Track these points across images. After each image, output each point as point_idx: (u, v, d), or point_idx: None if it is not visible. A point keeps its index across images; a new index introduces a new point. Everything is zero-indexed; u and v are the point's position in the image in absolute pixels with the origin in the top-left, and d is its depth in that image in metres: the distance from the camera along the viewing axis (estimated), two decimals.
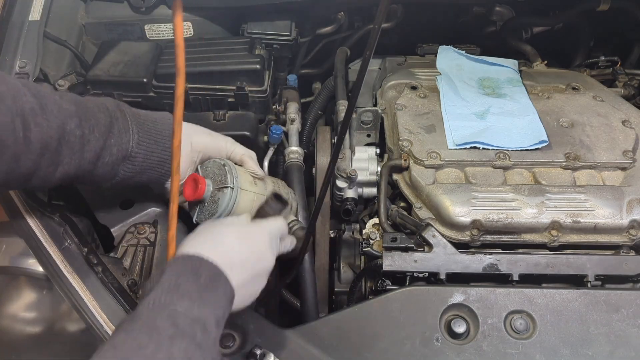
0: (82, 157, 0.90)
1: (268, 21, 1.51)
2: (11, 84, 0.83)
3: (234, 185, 1.00)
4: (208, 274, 0.79)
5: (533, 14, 1.70)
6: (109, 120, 0.93)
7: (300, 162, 1.35)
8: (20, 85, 0.84)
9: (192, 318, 0.73)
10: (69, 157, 0.88)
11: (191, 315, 0.73)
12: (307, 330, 0.97)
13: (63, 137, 0.87)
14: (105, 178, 0.96)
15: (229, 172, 1.00)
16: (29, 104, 0.83)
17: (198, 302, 0.75)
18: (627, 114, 1.28)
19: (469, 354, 0.93)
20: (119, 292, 0.99)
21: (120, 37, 1.52)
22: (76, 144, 0.88)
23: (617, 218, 1.07)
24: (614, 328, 0.95)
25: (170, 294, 0.74)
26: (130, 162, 0.96)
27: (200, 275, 0.78)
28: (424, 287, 1.02)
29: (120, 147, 0.94)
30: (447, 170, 1.17)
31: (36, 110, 0.83)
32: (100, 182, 0.96)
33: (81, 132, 0.89)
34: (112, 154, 0.93)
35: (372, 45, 0.65)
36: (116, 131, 0.93)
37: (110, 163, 0.93)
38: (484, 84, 1.40)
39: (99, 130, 0.91)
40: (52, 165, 0.87)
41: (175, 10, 0.65)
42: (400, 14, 1.67)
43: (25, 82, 0.88)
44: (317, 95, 1.62)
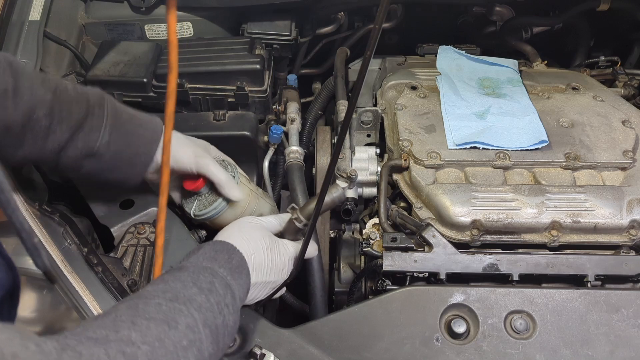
0: (44, 146, 0.91)
1: (268, 21, 1.51)
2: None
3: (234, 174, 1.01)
4: (238, 259, 0.87)
5: (533, 14, 1.70)
6: (82, 115, 0.93)
7: (301, 161, 1.35)
8: (3, 63, 0.86)
9: (226, 283, 0.81)
10: (32, 143, 0.90)
11: (225, 281, 0.82)
12: (307, 330, 0.97)
13: (28, 123, 0.88)
14: (69, 169, 0.97)
15: (229, 164, 1.05)
16: (3, 85, 0.84)
17: (234, 276, 0.84)
18: (627, 114, 1.28)
19: (469, 354, 0.93)
20: (119, 292, 0.99)
21: (120, 37, 1.52)
22: (40, 132, 0.89)
23: (617, 218, 1.07)
24: (614, 328, 0.95)
25: (210, 262, 0.83)
26: (95, 159, 0.96)
27: (233, 258, 0.86)
28: (424, 287, 1.02)
29: (85, 144, 0.94)
30: (447, 170, 1.17)
31: (8, 92, 0.85)
32: (64, 172, 0.99)
33: (48, 123, 0.90)
34: (76, 148, 0.93)
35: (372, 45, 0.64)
36: (87, 127, 0.93)
37: (74, 157, 0.94)
38: (484, 84, 1.40)
39: (68, 123, 0.91)
40: (13, 147, 0.89)
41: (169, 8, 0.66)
42: (400, 14, 1.67)
43: (11, 60, 0.89)
44: (317, 95, 1.62)
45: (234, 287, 0.83)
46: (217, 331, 0.75)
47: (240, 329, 0.96)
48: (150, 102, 1.38)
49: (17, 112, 0.85)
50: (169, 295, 0.73)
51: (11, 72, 0.86)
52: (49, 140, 0.90)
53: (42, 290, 1.06)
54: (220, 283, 0.81)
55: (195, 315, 0.72)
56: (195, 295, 0.75)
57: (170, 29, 0.69)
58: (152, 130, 1.01)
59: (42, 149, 0.91)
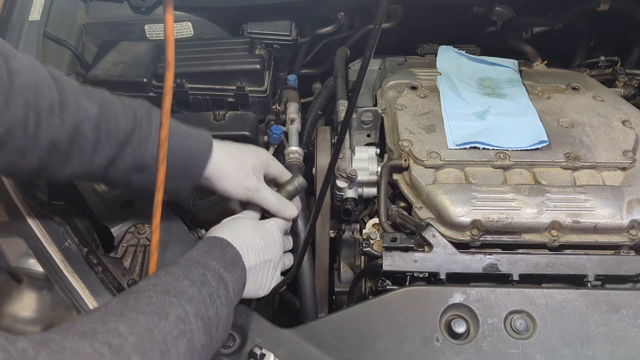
0: (92, 162, 0.88)
1: (268, 21, 1.51)
2: (39, 75, 0.82)
3: None
4: (231, 253, 0.89)
5: (533, 14, 1.70)
6: (130, 127, 0.89)
7: (300, 162, 1.35)
8: (47, 77, 0.83)
9: (218, 275, 0.83)
10: (79, 159, 0.86)
11: (218, 274, 0.83)
12: (307, 330, 0.97)
13: (75, 138, 0.84)
14: (118, 184, 0.94)
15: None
16: (48, 100, 0.81)
17: (227, 269, 0.85)
18: (627, 114, 1.28)
19: (469, 354, 0.93)
20: (119, 292, 0.99)
21: (120, 37, 1.52)
22: (88, 147, 0.86)
23: (617, 218, 1.07)
24: (614, 328, 0.95)
25: (203, 256, 0.85)
26: (145, 173, 0.92)
27: (226, 253, 0.88)
28: (424, 287, 1.02)
29: (134, 158, 0.90)
30: (447, 170, 1.17)
31: (54, 107, 0.82)
32: (112, 186, 0.96)
33: (96, 137, 0.86)
34: (125, 162, 0.90)
35: (372, 45, 0.65)
36: (136, 140, 0.90)
37: (123, 171, 0.91)
38: (484, 84, 1.40)
39: (116, 137, 0.88)
40: (60, 165, 0.86)
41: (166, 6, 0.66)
42: (400, 14, 1.67)
43: (56, 75, 0.85)
44: (317, 95, 1.62)
45: (227, 280, 0.84)
46: (209, 322, 0.76)
47: (240, 329, 0.96)
48: (150, 102, 1.36)
49: (64, 128, 0.83)
50: (160, 288, 0.74)
51: (57, 87, 0.83)
52: (96, 155, 0.87)
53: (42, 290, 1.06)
54: (213, 275, 0.82)
55: (187, 307, 0.73)
56: (187, 288, 0.76)
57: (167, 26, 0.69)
58: (202, 142, 0.97)
59: (90, 164, 0.88)
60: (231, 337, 0.95)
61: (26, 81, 0.79)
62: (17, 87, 0.78)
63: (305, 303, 1.16)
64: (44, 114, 0.81)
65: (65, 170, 0.87)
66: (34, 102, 0.80)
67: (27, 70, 0.81)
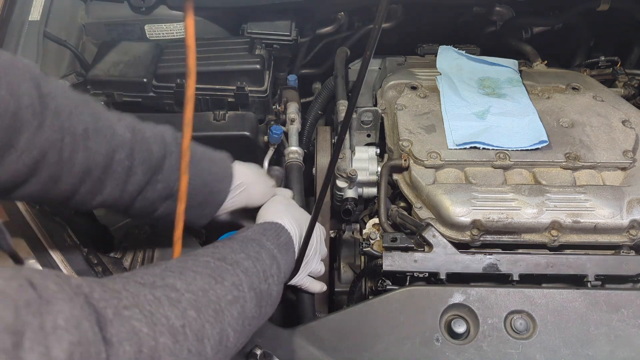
0: (124, 189, 0.85)
1: (268, 21, 1.51)
2: (71, 99, 0.79)
3: None
4: (285, 238, 0.92)
5: (533, 14, 1.70)
6: (162, 154, 0.88)
7: (300, 162, 1.35)
8: (80, 102, 0.80)
9: (272, 255, 0.85)
10: (111, 187, 0.84)
11: (272, 253, 0.85)
12: (307, 330, 0.97)
13: (110, 165, 0.82)
14: (144, 212, 0.91)
15: None
16: (83, 124, 0.78)
17: (280, 250, 0.88)
18: (627, 114, 1.28)
19: (469, 354, 0.93)
20: None
21: (120, 37, 1.52)
22: (122, 175, 0.84)
23: (617, 218, 1.07)
24: (614, 328, 0.95)
25: (259, 236, 0.87)
26: (172, 200, 0.90)
27: (281, 236, 0.91)
28: (424, 287, 1.02)
29: (165, 185, 0.89)
30: (447, 170, 1.17)
31: (89, 132, 0.79)
32: (137, 214, 0.92)
33: (130, 163, 0.84)
34: (155, 190, 0.88)
35: (372, 45, 0.64)
36: (166, 167, 0.88)
37: (152, 199, 0.89)
38: (484, 84, 1.40)
39: (149, 163, 0.86)
40: (92, 192, 0.83)
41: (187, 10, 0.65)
42: (400, 14, 1.67)
43: (86, 99, 0.83)
44: (317, 95, 1.62)
45: (280, 260, 0.86)
46: (261, 296, 0.77)
47: None
48: (150, 102, 1.38)
49: (99, 153, 0.80)
50: (217, 255, 0.75)
51: (89, 110, 0.81)
52: (129, 182, 0.85)
53: None
54: (267, 254, 0.84)
55: (241, 277, 0.74)
56: (242, 260, 0.78)
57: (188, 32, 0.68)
58: (225, 167, 0.98)
59: (122, 192, 0.85)
60: None
61: (60, 104, 0.76)
62: (52, 109, 0.75)
63: (302, 302, 1.16)
64: (79, 138, 0.77)
65: (96, 199, 0.84)
66: (69, 125, 0.76)
67: (60, 93, 0.77)
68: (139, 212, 0.91)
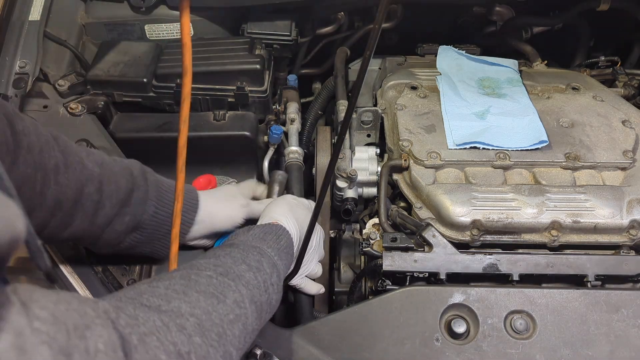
0: (93, 222, 0.89)
1: (268, 21, 1.51)
2: (42, 136, 0.82)
3: None
4: (286, 240, 0.92)
5: (533, 14, 1.70)
6: (130, 188, 0.92)
7: (300, 162, 1.35)
8: (50, 138, 0.83)
9: (273, 263, 0.85)
10: (80, 219, 0.87)
11: (273, 261, 0.85)
12: (307, 330, 0.97)
13: (79, 199, 0.86)
14: (111, 244, 0.94)
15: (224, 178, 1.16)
16: (54, 160, 0.82)
17: (280, 257, 0.87)
18: (627, 114, 1.28)
19: (469, 354, 0.93)
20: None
21: (120, 37, 1.52)
22: (91, 208, 0.87)
23: (617, 218, 1.07)
24: (614, 328, 0.95)
25: (259, 242, 0.87)
26: (139, 232, 0.95)
27: (281, 239, 0.91)
28: (424, 287, 1.02)
29: (133, 217, 0.93)
30: (447, 170, 1.17)
31: (60, 167, 0.82)
32: (103, 246, 0.95)
33: (98, 197, 0.88)
34: (123, 222, 0.92)
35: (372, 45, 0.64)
36: (134, 201, 0.92)
37: (119, 231, 0.92)
38: (484, 84, 1.40)
39: (117, 197, 0.90)
40: (62, 225, 0.86)
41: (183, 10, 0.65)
42: (400, 14, 1.67)
43: (56, 135, 0.86)
44: (317, 95, 1.62)
45: (280, 267, 0.86)
46: (261, 308, 0.78)
47: None
48: (150, 102, 1.38)
49: (69, 187, 0.84)
50: (220, 269, 0.76)
51: (58, 147, 0.84)
52: (98, 215, 0.89)
53: None
54: (268, 262, 0.84)
55: (243, 292, 0.75)
56: (244, 272, 0.78)
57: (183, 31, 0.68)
58: (190, 199, 1.02)
59: (90, 224, 0.89)
60: None
61: (32, 141, 0.79)
62: (24, 146, 0.78)
63: (300, 302, 1.16)
64: (50, 173, 0.81)
65: (66, 231, 0.87)
66: (40, 161, 0.80)
67: (32, 130, 0.81)
68: (106, 244, 0.94)
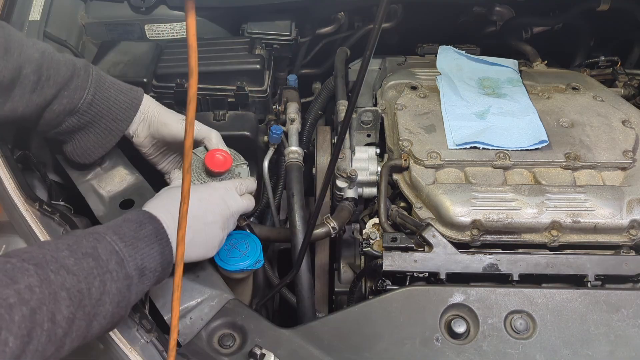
0: (30, 100, 0.98)
1: (268, 21, 1.52)
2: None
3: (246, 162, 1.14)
4: (151, 229, 0.86)
5: (533, 14, 1.70)
6: (69, 74, 1.02)
7: (300, 162, 1.34)
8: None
9: (112, 250, 0.80)
10: (19, 96, 0.97)
11: (113, 247, 0.80)
12: (307, 330, 0.97)
13: (17, 78, 0.96)
14: (51, 124, 1.05)
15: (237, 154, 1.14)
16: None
17: (128, 243, 0.82)
18: (627, 114, 1.28)
19: (469, 354, 0.93)
20: None
21: (120, 37, 1.52)
22: (28, 86, 0.97)
23: (617, 218, 1.07)
24: (614, 328, 0.95)
25: (109, 230, 0.83)
26: (76, 117, 1.05)
27: (142, 228, 0.85)
28: (424, 287, 1.02)
29: (70, 100, 1.02)
30: (447, 170, 1.17)
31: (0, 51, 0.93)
32: (45, 127, 1.05)
33: (36, 78, 0.98)
34: (61, 104, 1.02)
35: (372, 45, 0.65)
36: (73, 86, 1.02)
37: (57, 112, 1.02)
38: (484, 84, 1.40)
39: (55, 80, 1.00)
40: (1, 99, 0.96)
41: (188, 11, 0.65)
42: (400, 14, 1.67)
43: (3, 24, 0.97)
44: (317, 95, 1.62)
45: (125, 255, 0.80)
46: (80, 295, 0.73)
47: (240, 329, 0.96)
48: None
49: (7, 68, 0.94)
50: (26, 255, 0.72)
51: (3, 32, 0.95)
52: (35, 94, 0.98)
53: None
54: (105, 248, 0.79)
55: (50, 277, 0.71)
56: (64, 258, 0.74)
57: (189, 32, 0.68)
58: (132, 98, 1.10)
59: (28, 102, 0.98)
60: (231, 337, 0.95)
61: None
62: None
63: (302, 302, 1.16)
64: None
65: (5, 106, 0.97)
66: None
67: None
68: (46, 125, 1.05)
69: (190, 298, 1.01)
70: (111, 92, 1.07)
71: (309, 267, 1.19)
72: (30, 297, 0.68)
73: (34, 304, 0.68)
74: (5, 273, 0.68)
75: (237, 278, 1.11)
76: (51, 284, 0.71)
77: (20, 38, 0.98)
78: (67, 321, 0.71)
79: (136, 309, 0.93)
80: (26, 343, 0.66)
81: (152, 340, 0.91)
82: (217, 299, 1.01)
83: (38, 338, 0.68)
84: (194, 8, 0.63)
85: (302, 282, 1.16)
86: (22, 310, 0.66)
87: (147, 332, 0.92)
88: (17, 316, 0.65)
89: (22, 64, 0.96)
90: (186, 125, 0.72)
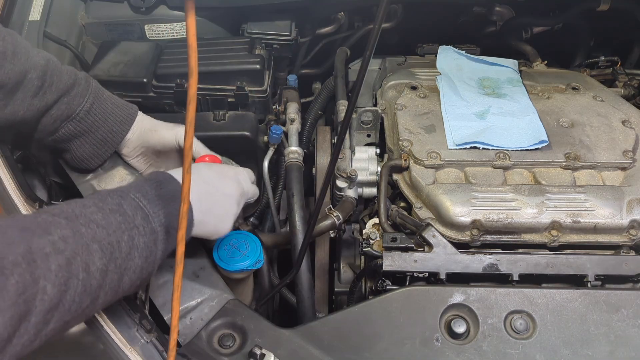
0: (32, 104, 1.00)
1: (268, 21, 1.51)
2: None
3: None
4: (171, 188, 0.86)
5: (533, 14, 1.70)
6: (71, 82, 1.05)
7: (300, 162, 1.34)
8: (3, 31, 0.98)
9: (136, 206, 0.80)
10: (21, 99, 0.99)
11: (138, 204, 0.80)
12: (307, 330, 0.97)
13: (22, 82, 0.98)
14: (48, 129, 1.06)
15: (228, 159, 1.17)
16: (1, 48, 0.95)
17: (150, 199, 0.82)
18: (627, 114, 1.28)
19: (469, 354, 0.93)
20: None
21: (120, 37, 1.52)
22: (31, 90, 1.00)
23: (617, 218, 1.07)
24: (614, 328, 0.95)
25: (132, 188, 0.83)
26: (73, 123, 1.06)
27: (162, 187, 0.85)
28: (424, 287, 1.02)
29: (68, 106, 1.05)
30: (447, 170, 1.17)
31: (7, 54, 0.96)
32: (42, 133, 1.07)
33: (40, 83, 1.00)
34: (60, 109, 1.04)
35: (372, 45, 0.65)
36: (73, 94, 1.05)
37: (55, 117, 1.04)
38: (484, 84, 1.40)
39: (57, 87, 1.03)
40: (4, 101, 0.98)
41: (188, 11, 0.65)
42: (400, 14, 1.67)
43: (10, 31, 1.01)
44: (317, 95, 1.62)
45: (150, 211, 0.81)
46: (110, 248, 0.74)
47: (240, 329, 0.96)
48: (150, 102, 1.38)
49: (13, 71, 0.96)
50: (56, 210, 0.73)
51: (11, 40, 0.98)
52: (37, 98, 1.01)
53: None
54: (130, 205, 0.80)
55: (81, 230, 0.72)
56: (91, 214, 0.75)
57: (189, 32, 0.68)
58: (128, 113, 1.13)
59: (29, 106, 1.00)
60: (231, 337, 0.95)
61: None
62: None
63: (302, 302, 1.16)
64: None
65: (7, 109, 0.99)
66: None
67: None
68: (43, 131, 1.06)
69: (190, 298, 1.01)
70: (108, 104, 1.10)
71: (309, 267, 1.19)
72: (64, 247, 0.69)
73: (68, 254, 0.69)
74: (38, 225, 0.69)
75: (237, 278, 1.11)
76: (83, 236, 0.72)
77: (27, 45, 1.02)
78: (100, 273, 0.72)
79: (136, 309, 0.93)
80: (63, 292, 0.67)
81: (152, 340, 0.91)
82: (217, 299, 1.01)
83: (74, 288, 0.69)
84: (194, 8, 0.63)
85: (302, 282, 1.16)
86: (57, 260, 0.67)
87: (147, 332, 0.92)
88: (54, 265, 0.67)
89: (28, 69, 0.99)
90: (186, 125, 0.72)
